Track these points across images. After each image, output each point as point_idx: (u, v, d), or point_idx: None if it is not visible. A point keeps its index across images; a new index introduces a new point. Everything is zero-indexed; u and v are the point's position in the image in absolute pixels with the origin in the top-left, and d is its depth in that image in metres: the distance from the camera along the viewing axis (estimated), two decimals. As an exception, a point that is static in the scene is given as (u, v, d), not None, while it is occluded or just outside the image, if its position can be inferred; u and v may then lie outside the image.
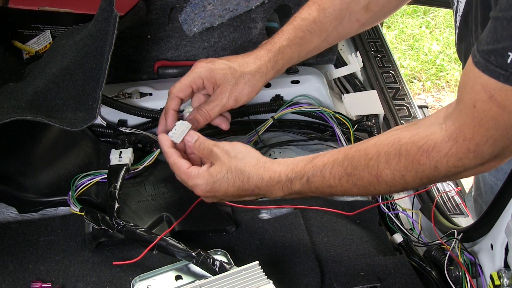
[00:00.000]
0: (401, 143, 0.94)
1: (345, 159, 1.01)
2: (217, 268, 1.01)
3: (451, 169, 0.91)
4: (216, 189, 1.08)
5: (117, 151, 1.22)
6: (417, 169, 0.93)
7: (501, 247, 1.00)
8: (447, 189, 1.36)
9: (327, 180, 1.02)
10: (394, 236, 1.21)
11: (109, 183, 1.16)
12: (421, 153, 0.92)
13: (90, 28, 1.21)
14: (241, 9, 1.39)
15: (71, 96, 1.17)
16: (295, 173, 1.04)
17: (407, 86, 1.68)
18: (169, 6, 1.40)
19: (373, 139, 1.00)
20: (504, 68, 0.78)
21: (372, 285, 1.06)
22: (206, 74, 1.18)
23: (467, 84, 0.86)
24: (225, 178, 1.07)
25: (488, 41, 0.80)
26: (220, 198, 1.11)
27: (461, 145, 0.88)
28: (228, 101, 1.19)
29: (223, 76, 1.18)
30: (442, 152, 0.90)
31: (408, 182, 0.96)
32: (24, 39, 1.45)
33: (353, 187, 1.01)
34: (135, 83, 1.46)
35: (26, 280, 1.05)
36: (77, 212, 1.13)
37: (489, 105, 0.82)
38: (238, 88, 1.19)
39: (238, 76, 1.19)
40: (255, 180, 1.06)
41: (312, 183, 1.03)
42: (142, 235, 1.07)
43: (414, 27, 4.14)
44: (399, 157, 0.94)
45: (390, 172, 0.95)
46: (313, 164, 1.03)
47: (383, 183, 0.97)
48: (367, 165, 0.97)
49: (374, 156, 0.97)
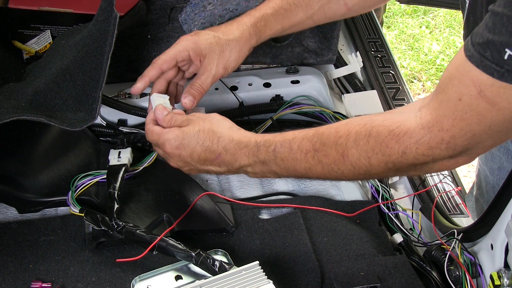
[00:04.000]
0: (373, 125, 0.94)
1: (315, 135, 1.01)
2: (217, 268, 1.01)
3: (419, 157, 0.90)
4: (184, 146, 1.08)
5: (116, 151, 1.22)
6: (384, 152, 0.92)
7: (501, 247, 1.00)
8: (447, 189, 1.36)
9: (294, 153, 1.02)
10: (394, 236, 1.21)
11: (109, 183, 1.16)
12: (392, 136, 0.91)
13: (90, 28, 1.21)
14: (241, 9, 1.39)
15: (71, 96, 1.17)
16: (264, 141, 1.05)
17: (407, 86, 1.68)
18: (169, 6, 1.40)
19: (346, 120, 1.00)
20: (500, 65, 0.77)
21: (372, 285, 1.06)
22: (192, 45, 1.19)
23: (454, 76, 0.85)
24: (195, 136, 1.08)
25: (485, 35, 0.79)
26: (185, 161, 1.10)
27: (435, 135, 0.88)
28: (217, 70, 1.21)
29: (209, 46, 1.19)
30: (413, 139, 0.90)
31: (372, 165, 0.95)
32: (24, 39, 1.44)
33: (317, 164, 1.00)
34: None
35: (26, 280, 1.05)
36: (76, 213, 1.13)
37: (477, 100, 0.81)
38: (225, 56, 1.20)
39: (223, 44, 1.20)
40: (225, 141, 1.06)
41: (278, 153, 1.03)
42: (142, 235, 1.06)
43: (414, 27, 4.13)
44: (368, 138, 0.94)
45: (357, 152, 0.95)
46: (284, 135, 1.04)
47: (348, 163, 0.96)
48: (336, 143, 0.97)
49: (344, 135, 0.97)
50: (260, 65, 1.55)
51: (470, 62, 0.81)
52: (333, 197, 1.28)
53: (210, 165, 1.09)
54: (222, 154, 1.06)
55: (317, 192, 1.29)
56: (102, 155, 1.27)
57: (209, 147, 1.07)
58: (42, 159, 1.21)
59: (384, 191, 1.28)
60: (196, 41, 1.19)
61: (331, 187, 1.30)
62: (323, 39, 1.51)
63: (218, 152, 1.06)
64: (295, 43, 1.51)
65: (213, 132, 1.07)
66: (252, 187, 1.29)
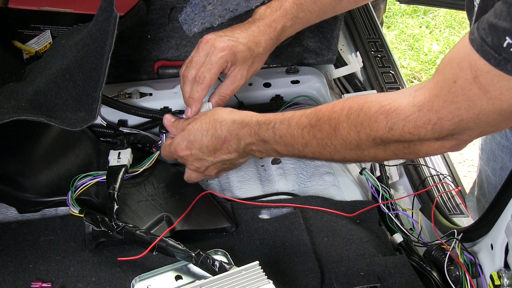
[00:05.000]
0: (366, 101, 0.95)
1: (313, 111, 1.03)
2: (217, 268, 1.01)
3: (405, 135, 0.91)
4: (192, 142, 1.11)
5: (115, 152, 1.22)
6: (372, 127, 0.93)
7: (501, 247, 1.00)
8: (447, 189, 1.36)
9: (292, 129, 1.03)
10: (394, 236, 1.21)
11: (108, 184, 1.16)
12: (381, 112, 0.92)
13: (90, 28, 1.21)
14: (241, 9, 1.39)
15: (71, 96, 1.17)
16: (265, 118, 1.07)
17: (407, 86, 1.67)
18: (169, 6, 1.40)
19: (344, 98, 1.02)
20: (498, 51, 0.77)
21: (372, 285, 1.06)
22: (231, 58, 1.20)
23: (454, 59, 0.85)
24: (199, 129, 1.11)
25: (490, 20, 0.78)
26: (198, 158, 1.13)
27: (424, 114, 0.88)
28: (242, 79, 1.24)
29: (244, 58, 1.22)
30: (401, 116, 0.90)
31: (362, 140, 0.96)
32: (24, 39, 1.44)
33: (312, 139, 1.01)
34: (135, 83, 1.46)
35: (26, 280, 1.05)
36: (76, 214, 1.13)
37: (471, 85, 0.81)
38: (253, 68, 1.25)
39: (255, 56, 1.24)
40: (227, 124, 1.09)
41: (277, 130, 1.05)
42: (142, 236, 1.06)
43: (414, 27, 4.13)
44: (359, 112, 0.95)
45: (347, 125, 0.96)
46: (284, 114, 1.06)
47: (339, 137, 0.98)
48: (330, 117, 0.99)
49: (338, 110, 0.98)
50: (260, 65, 1.55)
51: (472, 45, 0.80)
52: (333, 197, 1.28)
53: (221, 154, 1.12)
54: (227, 138, 1.09)
55: (317, 192, 1.29)
56: (102, 155, 1.27)
57: (214, 134, 1.10)
58: (42, 159, 1.21)
59: (384, 191, 1.28)
60: (235, 53, 1.20)
61: (331, 187, 1.30)
62: (323, 39, 1.51)
63: (223, 136, 1.09)
64: (295, 43, 1.51)
65: (214, 120, 1.11)
66: (252, 187, 1.29)
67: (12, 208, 1.19)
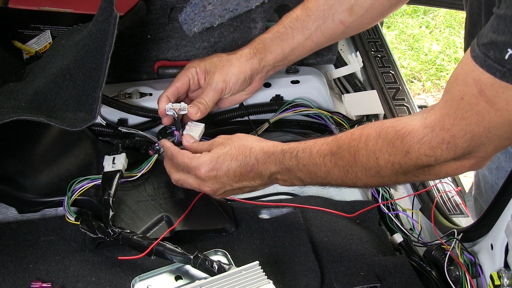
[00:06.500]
0: (383, 127, 0.96)
1: (333, 139, 1.04)
2: (216, 270, 1.01)
3: (422, 158, 0.92)
4: (219, 165, 1.10)
5: (110, 157, 1.20)
6: (390, 152, 0.94)
7: (501, 247, 1.00)
8: (447, 189, 1.36)
9: (313, 157, 1.04)
10: (394, 236, 1.21)
11: (103, 190, 1.14)
12: (397, 136, 0.93)
13: (90, 28, 1.21)
14: (241, 9, 1.39)
15: (71, 96, 1.17)
16: (288, 147, 1.08)
17: (407, 86, 1.68)
18: (169, 6, 1.40)
19: (363, 124, 1.03)
20: (502, 64, 0.79)
21: (372, 285, 1.06)
22: (198, 63, 1.29)
23: (459, 76, 0.86)
24: (228, 153, 1.11)
25: (489, 36, 0.80)
26: (221, 181, 1.12)
27: (437, 134, 0.89)
28: (217, 83, 1.27)
29: (211, 63, 1.28)
30: (416, 138, 0.91)
31: (381, 166, 0.96)
32: (24, 39, 1.44)
33: (334, 167, 1.02)
34: (135, 83, 1.46)
35: (26, 280, 1.05)
36: (72, 222, 1.12)
37: (477, 99, 0.83)
38: (225, 70, 1.28)
39: (225, 60, 1.28)
40: (256, 152, 1.10)
41: (300, 159, 1.06)
42: (139, 241, 1.06)
43: (414, 27, 4.14)
44: (377, 139, 0.96)
45: (366, 152, 0.97)
46: (306, 142, 1.07)
47: (359, 164, 0.99)
48: (349, 145, 1.00)
49: (357, 137, 0.99)
50: (260, 65, 1.54)
51: (475, 62, 0.82)
52: (333, 197, 1.28)
53: (245, 181, 1.12)
54: (255, 165, 1.09)
55: (317, 192, 1.29)
56: (102, 155, 1.27)
57: (243, 160, 1.10)
58: (42, 159, 1.21)
59: (384, 191, 1.28)
60: (201, 60, 1.30)
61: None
62: (323, 39, 1.51)
63: (251, 163, 1.09)
64: (295, 43, 1.51)
65: (244, 146, 1.11)
66: (252, 187, 1.29)
67: (12, 208, 1.19)
